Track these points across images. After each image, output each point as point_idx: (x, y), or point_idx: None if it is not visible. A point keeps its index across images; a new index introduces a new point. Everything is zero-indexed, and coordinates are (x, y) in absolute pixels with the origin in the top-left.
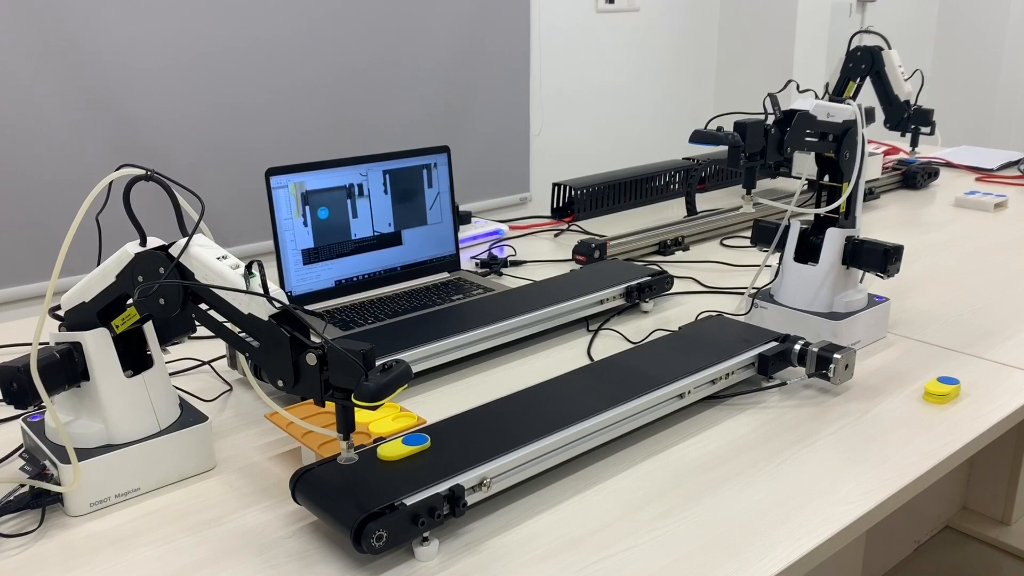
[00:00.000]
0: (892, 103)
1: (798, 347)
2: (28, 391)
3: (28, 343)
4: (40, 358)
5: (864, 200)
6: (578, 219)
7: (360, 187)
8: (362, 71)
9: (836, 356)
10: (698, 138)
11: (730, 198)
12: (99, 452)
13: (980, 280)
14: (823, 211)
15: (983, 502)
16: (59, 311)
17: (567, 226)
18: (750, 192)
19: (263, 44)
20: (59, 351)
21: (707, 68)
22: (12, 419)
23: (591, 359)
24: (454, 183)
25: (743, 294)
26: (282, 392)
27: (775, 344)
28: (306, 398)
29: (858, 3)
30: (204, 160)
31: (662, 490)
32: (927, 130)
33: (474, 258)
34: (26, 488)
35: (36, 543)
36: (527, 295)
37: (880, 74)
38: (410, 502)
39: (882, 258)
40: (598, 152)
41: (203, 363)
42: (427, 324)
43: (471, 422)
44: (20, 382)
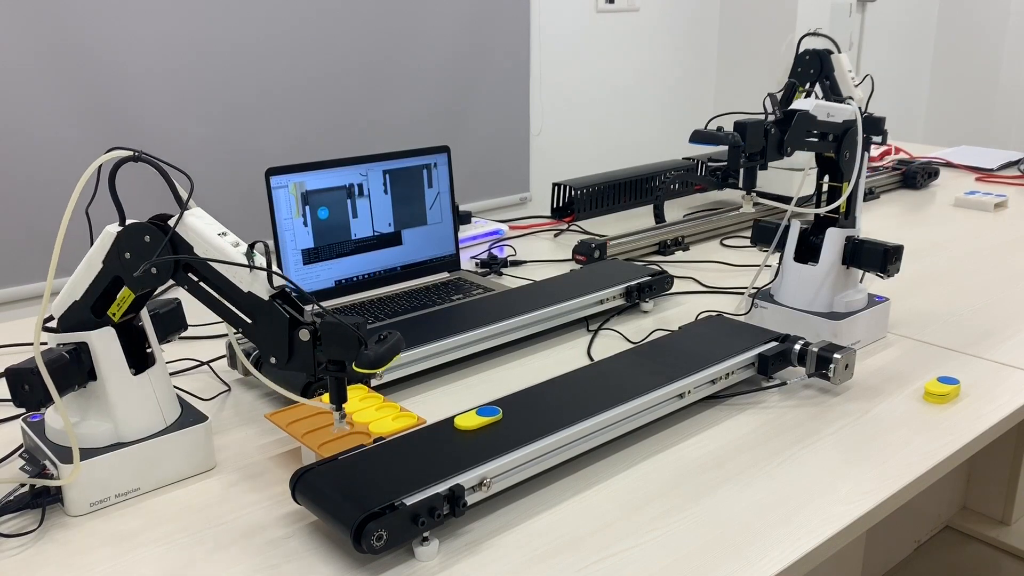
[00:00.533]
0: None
1: (798, 347)
2: (40, 392)
3: (28, 343)
4: (51, 359)
5: (864, 200)
6: (578, 219)
7: (360, 187)
8: (362, 71)
9: (836, 356)
10: (698, 138)
11: (729, 196)
12: (99, 452)
13: (980, 280)
14: (823, 211)
15: (983, 502)
16: (51, 323)
17: (567, 226)
18: (750, 192)
19: (263, 44)
20: (68, 351)
21: (707, 68)
22: (12, 419)
23: (591, 359)
24: (454, 183)
25: (743, 294)
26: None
27: (775, 344)
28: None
29: (858, 3)
30: (204, 160)
31: (662, 490)
32: (879, 139)
33: (474, 258)
34: (26, 488)
35: (36, 543)
36: (527, 295)
37: (829, 79)
38: (410, 502)
39: (882, 258)
40: (598, 152)
41: (202, 363)
42: (427, 324)
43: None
44: (32, 383)
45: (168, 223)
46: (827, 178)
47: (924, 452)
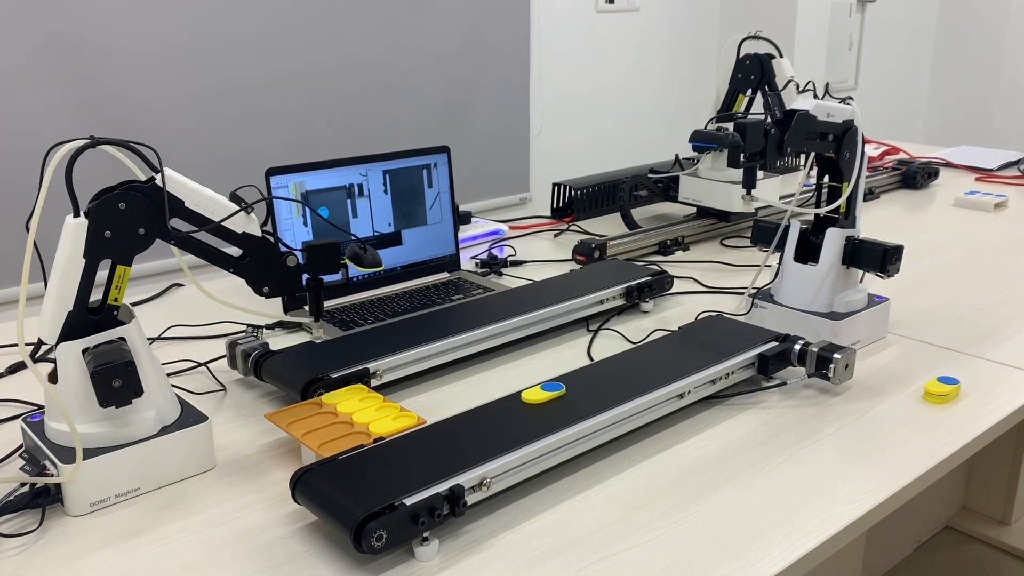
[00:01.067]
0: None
1: (798, 347)
2: (131, 385)
3: (29, 343)
4: (120, 354)
5: (864, 200)
6: (578, 219)
7: (360, 187)
8: (362, 71)
9: (836, 356)
10: (698, 138)
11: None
12: (100, 452)
13: (980, 280)
14: (823, 211)
15: (983, 502)
16: (43, 349)
17: (567, 226)
18: (750, 192)
19: (263, 44)
20: (122, 347)
21: (707, 68)
22: (12, 419)
23: (591, 359)
24: (454, 183)
25: (743, 294)
26: (280, 387)
27: (775, 344)
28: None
29: (858, 3)
30: (204, 160)
31: (662, 490)
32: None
33: (474, 258)
34: (26, 488)
35: (36, 543)
36: (527, 295)
37: (771, 86)
38: (410, 502)
39: (882, 258)
40: (598, 152)
41: (200, 364)
42: (427, 324)
43: (471, 422)
44: (124, 376)
45: (149, 183)
46: (827, 178)
47: (924, 452)
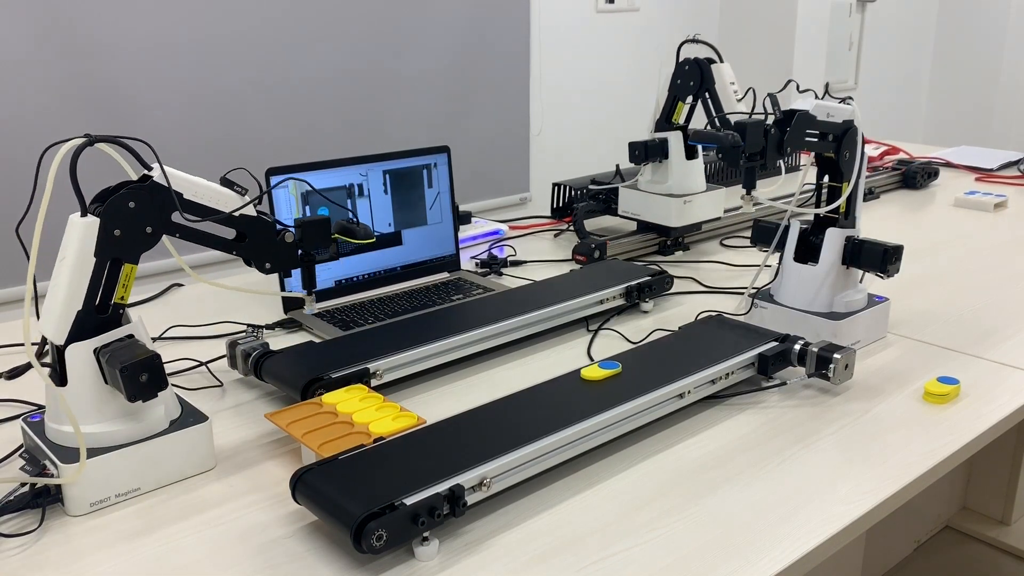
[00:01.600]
0: (723, 129)
1: (798, 347)
2: (157, 379)
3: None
4: (141, 349)
5: (864, 200)
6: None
7: (360, 187)
8: (362, 71)
9: (836, 356)
10: (698, 138)
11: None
12: (100, 452)
13: (980, 280)
14: (823, 211)
15: (983, 502)
16: (46, 356)
17: (567, 226)
18: (750, 192)
19: (263, 44)
20: (138, 343)
21: None
22: (12, 419)
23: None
24: (454, 183)
25: (743, 294)
26: (280, 387)
27: (775, 344)
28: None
29: (858, 3)
30: (204, 160)
31: (662, 490)
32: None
33: (474, 258)
34: (26, 488)
35: (36, 543)
36: (527, 295)
37: (711, 92)
38: (410, 502)
39: (882, 258)
40: (598, 152)
41: (200, 364)
42: (427, 324)
43: (471, 422)
44: (151, 370)
45: (146, 179)
46: (827, 178)
47: (924, 452)
